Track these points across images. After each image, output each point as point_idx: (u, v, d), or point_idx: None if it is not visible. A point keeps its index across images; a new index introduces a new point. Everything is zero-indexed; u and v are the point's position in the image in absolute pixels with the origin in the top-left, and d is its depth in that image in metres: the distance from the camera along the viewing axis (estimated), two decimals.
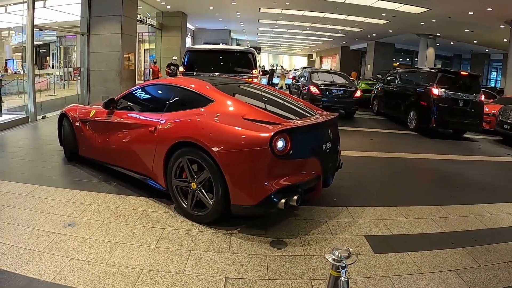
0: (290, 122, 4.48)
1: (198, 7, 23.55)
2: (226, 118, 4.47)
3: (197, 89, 5.10)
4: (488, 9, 17.56)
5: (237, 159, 4.12)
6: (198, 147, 4.33)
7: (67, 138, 6.76)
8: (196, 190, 4.47)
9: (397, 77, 15.53)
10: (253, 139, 4.07)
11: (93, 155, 6.31)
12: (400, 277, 3.63)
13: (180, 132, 4.59)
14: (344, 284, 2.05)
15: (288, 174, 4.23)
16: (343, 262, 2.11)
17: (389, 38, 33.67)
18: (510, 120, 11.90)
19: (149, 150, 4.98)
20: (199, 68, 10.27)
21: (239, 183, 4.15)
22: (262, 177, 4.08)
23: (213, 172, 4.23)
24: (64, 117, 6.85)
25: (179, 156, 4.56)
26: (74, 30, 15.76)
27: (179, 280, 3.33)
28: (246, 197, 4.15)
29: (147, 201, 5.10)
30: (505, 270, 3.90)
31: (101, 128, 6.04)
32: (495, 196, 6.38)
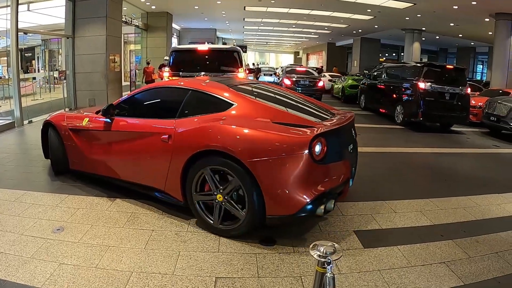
0: (322, 124, 4.26)
1: (183, 6, 23.47)
2: (254, 122, 4.16)
3: (215, 92, 4.70)
4: (473, 3, 17.70)
5: (273, 166, 3.84)
6: (226, 155, 3.98)
7: (55, 150, 6.07)
8: (224, 202, 4.12)
9: (383, 72, 15.66)
10: (291, 144, 3.86)
11: (88, 169, 5.71)
12: (390, 271, 3.67)
13: (203, 139, 4.16)
14: (330, 280, 2.04)
15: (324, 179, 4.07)
16: (328, 258, 2.10)
17: (375, 34, 33.82)
18: (496, 112, 12.02)
19: (161, 161, 4.54)
20: (185, 68, 10.16)
21: (276, 193, 3.86)
22: (301, 184, 3.87)
23: (245, 182, 3.90)
24: (50, 127, 6.15)
25: (201, 166, 4.19)
26: (59, 33, 15.63)
27: (169, 281, 3.33)
28: (283, 206, 3.88)
29: (136, 203, 5.07)
30: (495, 261, 3.96)
31: (98, 138, 5.53)
32: (484, 188, 6.46)
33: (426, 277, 3.59)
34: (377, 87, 15.78)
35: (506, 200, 5.89)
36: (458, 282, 3.53)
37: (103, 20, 13.79)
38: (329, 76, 27.57)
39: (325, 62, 47.68)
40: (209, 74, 9.40)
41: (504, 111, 11.69)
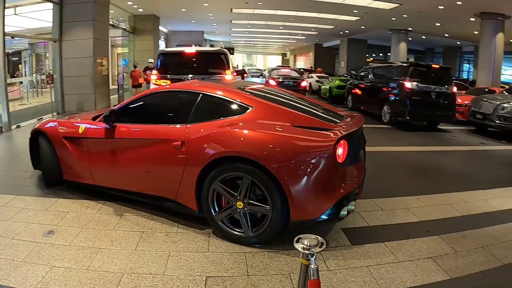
0: (339, 126, 4.22)
1: (171, 9, 23.50)
2: (275, 126, 4.06)
3: (229, 96, 4.54)
4: (458, 3, 17.94)
5: (298, 171, 3.78)
6: (247, 161, 3.87)
7: (47, 160, 5.72)
8: (246, 207, 4.01)
9: (370, 73, 15.82)
10: (316, 147, 3.83)
11: (86, 179, 5.37)
12: (378, 267, 3.74)
13: (222, 145, 4.02)
14: (314, 271, 2.12)
15: (346, 181, 4.05)
16: (312, 250, 2.18)
17: (362, 34, 34.13)
18: (482, 110, 12.20)
19: (173, 169, 4.36)
20: (173, 71, 10.20)
21: (301, 197, 3.81)
22: (325, 188, 3.89)
23: (268, 188, 3.82)
24: (40, 135, 5.81)
25: (220, 174, 4.05)
26: (46, 36, 15.57)
27: (160, 281, 3.38)
28: (308, 211, 3.85)
29: (125, 205, 5.08)
30: (481, 255, 4.06)
31: (98, 146, 5.22)
32: (470, 184, 6.59)
33: (413, 272, 3.67)
34: (364, 87, 15.92)
35: (492, 196, 6.02)
36: (445, 276, 3.61)
37: (90, 24, 13.81)
38: (317, 77, 27.71)
39: (312, 63, 47.95)
40: (197, 77, 9.43)
41: (490, 109, 11.86)
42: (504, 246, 4.31)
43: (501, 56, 20.44)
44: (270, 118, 4.21)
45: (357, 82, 16.75)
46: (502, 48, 20.32)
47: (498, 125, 11.62)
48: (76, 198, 5.35)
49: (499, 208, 5.50)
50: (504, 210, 5.46)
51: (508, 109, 11.38)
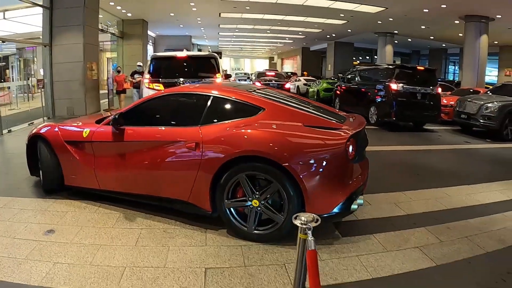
0: (347, 126, 4.37)
1: (159, 14, 23.60)
2: (288, 126, 4.25)
3: (241, 97, 4.67)
4: (442, 6, 18.28)
5: (313, 168, 3.97)
6: (264, 160, 4.01)
7: (47, 166, 5.53)
8: (260, 207, 4.12)
9: (357, 75, 16.09)
10: (329, 145, 4.04)
11: (90, 184, 5.27)
12: (367, 256, 3.96)
13: (239, 146, 4.12)
14: (311, 243, 2.34)
15: (355, 178, 4.25)
16: (309, 224, 2.43)
17: (348, 38, 34.48)
18: (467, 110, 12.52)
19: (187, 170, 4.43)
20: (165, 75, 10.46)
21: (316, 193, 3.98)
22: (337, 183, 4.08)
23: (285, 186, 3.95)
24: (39, 140, 5.63)
25: (236, 173, 4.14)
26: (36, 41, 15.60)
27: (162, 273, 3.53)
28: (322, 206, 3.99)
29: (122, 206, 5.16)
30: (465, 244, 4.31)
31: (105, 150, 5.16)
32: (455, 180, 6.85)
33: (401, 260, 3.89)
34: (351, 90, 16.17)
35: (475, 191, 6.28)
36: (430, 264, 3.85)
37: (80, 28, 13.86)
38: (304, 80, 27.98)
39: (299, 66, 48.26)
40: (188, 80, 9.66)
41: (474, 109, 12.17)
42: (487, 235, 4.55)
43: (485, 58, 20.84)
44: (282, 119, 4.37)
45: (344, 85, 17.01)
46: (486, 50, 20.72)
47: (482, 124, 11.95)
48: (73, 199, 5.42)
49: (483, 202, 5.77)
50: (486, 203, 5.72)
51: (492, 109, 11.70)
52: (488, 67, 27.07)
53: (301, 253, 2.45)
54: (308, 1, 19.74)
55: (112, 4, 20.07)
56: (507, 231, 4.72)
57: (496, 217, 5.20)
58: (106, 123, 5.21)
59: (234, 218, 4.28)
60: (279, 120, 4.34)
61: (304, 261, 2.40)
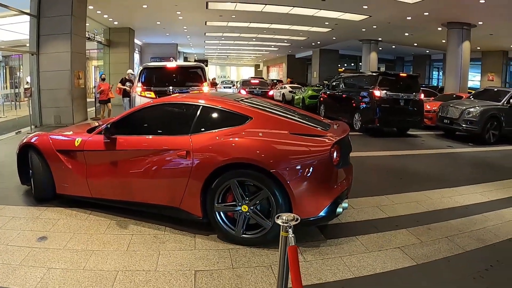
0: (331, 133, 4.58)
1: (145, 22, 23.68)
2: (275, 134, 4.44)
3: (229, 107, 4.85)
4: (425, 14, 18.58)
5: (300, 174, 4.17)
6: (253, 167, 4.18)
7: (39, 175, 5.55)
8: (248, 213, 4.27)
9: (341, 82, 16.31)
10: (314, 152, 4.23)
11: (82, 192, 5.34)
12: (350, 257, 4.16)
13: (228, 153, 4.29)
14: (291, 239, 2.54)
15: (339, 182, 4.44)
16: (290, 223, 2.62)
17: (333, 45, 34.80)
18: (449, 115, 12.83)
19: (178, 178, 4.56)
20: (155, 84, 10.96)
21: (303, 197, 4.17)
22: (323, 188, 4.27)
23: (273, 192, 4.12)
24: (31, 150, 5.65)
25: (225, 180, 4.29)
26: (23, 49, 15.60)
27: (153, 276, 3.67)
28: (309, 210, 4.19)
29: (112, 212, 5.25)
30: (445, 243, 4.53)
31: (97, 158, 5.23)
32: (437, 183, 7.08)
33: (382, 260, 4.09)
34: (335, 97, 16.39)
35: (456, 193, 6.52)
36: (411, 263, 4.05)
37: (67, 37, 13.91)
38: (290, 88, 28.21)
39: (285, 74, 48.56)
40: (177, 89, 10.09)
41: (456, 114, 12.49)
42: (467, 235, 4.79)
43: (467, 63, 21.19)
44: (269, 127, 4.56)
45: (329, 92, 17.21)
46: (468, 56, 21.09)
47: (464, 129, 12.26)
48: (64, 207, 5.49)
49: (463, 204, 6.01)
50: (467, 205, 5.97)
51: (474, 113, 12.01)
52: (471, 72, 27.51)
53: (283, 250, 2.64)
54: (293, 10, 19.97)
55: (99, 12, 20.11)
56: (486, 231, 4.95)
57: (476, 217, 5.43)
58: (98, 132, 5.31)
59: (223, 222, 4.41)
60: (266, 129, 4.52)
61: (286, 257, 2.58)
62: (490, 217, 5.48)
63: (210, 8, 19.88)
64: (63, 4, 13.79)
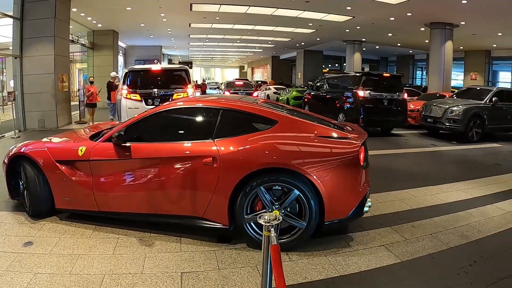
0: (354, 135, 4.62)
1: (129, 24, 23.62)
2: (303, 137, 4.41)
3: (253, 111, 4.72)
4: (408, 14, 18.80)
5: (332, 175, 4.19)
6: (285, 171, 4.17)
7: (34, 189, 5.05)
8: (281, 217, 4.00)
9: (325, 83, 16.41)
10: (345, 153, 4.27)
11: (87, 206, 4.94)
12: (335, 255, 4.23)
13: (261, 158, 4.18)
14: (274, 239, 2.61)
15: (364, 182, 4.50)
16: (272, 222, 2.71)
17: (317, 46, 35.02)
18: (433, 114, 13.03)
19: (204, 186, 4.33)
20: (141, 86, 11.08)
21: (335, 199, 4.21)
22: (352, 188, 4.35)
23: (306, 194, 4.12)
24: (23, 160, 5.16)
25: (256, 186, 4.16)
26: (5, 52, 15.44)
27: (140, 279, 3.69)
28: (339, 210, 4.28)
29: (98, 217, 5.10)
30: (429, 240, 4.63)
31: (106, 168, 4.83)
32: (420, 181, 7.19)
33: (367, 258, 4.18)
34: (320, 97, 16.49)
35: (440, 191, 6.64)
36: (396, 260, 4.14)
37: (51, 40, 13.89)
38: (274, 89, 28.34)
39: (270, 75, 48.71)
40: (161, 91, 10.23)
41: (439, 113, 12.69)
42: (451, 232, 4.90)
43: (450, 63, 21.46)
44: (295, 130, 4.54)
45: (313, 93, 17.31)
46: (451, 55, 21.36)
47: (448, 127, 12.47)
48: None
49: (447, 201, 6.13)
50: (451, 202, 6.09)
51: (457, 112, 12.21)
52: (454, 72, 27.87)
53: (266, 249, 2.71)
54: (277, 11, 20.07)
55: (83, 15, 20.02)
56: (470, 227, 5.06)
57: (460, 214, 5.54)
58: (105, 140, 4.93)
59: (254, 231, 4.30)
60: (292, 132, 4.51)
61: (269, 256, 2.63)
62: (473, 213, 5.59)
63: (194, 10, 19.90)
64: (47, 7, 13.76)
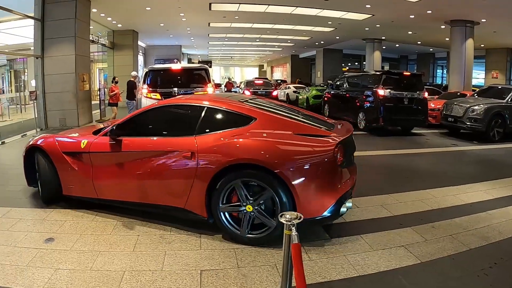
0: (335, 133, 4.62)
1: (149, 24, 23.76)
2: (279, 135, 4.48)
3: (233, 108, 4.87)
4: (428, 12, 18.55)
5: (304, 174, 4.20)
6: (257, 167, 4.21)
7: (46, 176, 5.63)
8: (254, 212, 4.30)
9: (345, 82, 16.31)
10: (319, 152, 4.26)
11: (88, 194, 5.40)
12: (354, 255, 4.18)
13: (233, 154, 4.34)
14: (295, 237, 2.57)
15: (343, 182, 4.47)
16: (293, 221, 2.67)
17: (337, 45, 34.78)
18: (453, 113, 12.83)
19: (183, 178, 4.60)
20: (161, 85, 11.18)
21: (308, 197, 4.21)
22: (327, 188, 4.30)
23: (278, 191, 4.16)
24: (37, 152, 5.75)
25: (229, 180, 4.32)
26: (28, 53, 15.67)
27: (159, 276, 3.71)
28: (313, 209, 4.22)
29: (119, 214, 5.31)
30: (449, 242, 4.55)
31: (103, 160, 5.28)
32: (440, 182, 7.07)
33: (386, 258, 4.11)
34: (340, 96, 16.40)
35: (460, 191, 6.52)
36: (415, 261, 4.07)
37: (71, 40, 14.04)
38: (294, 88, 28.21)
39: (289, 74, 48.58)
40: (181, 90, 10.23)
41: (460, 112, 12.49)
42: (471, 233, 4.80)
43: (471, 61, 21.08)
44: (273, 128, 4.59)
45: (333, 91, 17.22)
46: (472, 53, 20.97)
47: (469, 127, 12.24)
48: (71, 209, 5.56)
49: (467, 202, 6.01)
50: (472, 203, 5.97)
51: (478, 111, 12.00)
52: (475, 70, 27.45)
53: (287, 248, 2.68)
54: (296, 10, 19.99)
55: (103, 15, 20.22)
56: (490, 229, 4.95)
57: (481, 215, 5.43)
58: (103, 134, 5.36)
59: (228, 223, 4.46)
60: (270, 129, 4.55)
61: (290, 254, 2.61)
62: (495, 215, 5.48)
63: (213, 9, 19.92)
64: (67, 8, 13.93)
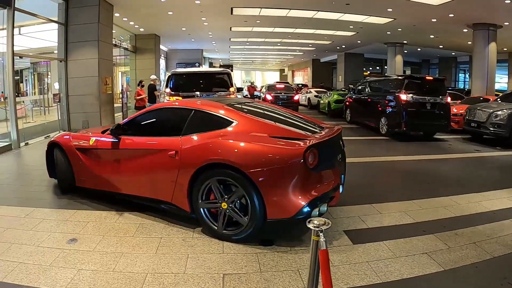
0: (313, 136, 4.80)
1: (171, 29, 23.92)
2: (254, 137, 4.67)
3: (215, 111, 5.17)
4: (450, 15, 18.32)
5: (273, 175, 4.32)
6: (230, 167, 4.43)
7: (62, 169, 6.40)
8: (228, 210, 4.54)
9: (367, 86, 16.20)
10: (287, 154, 4.35)
11: (95, 185, 6.04)
12: (377, 262, 4.12)
13: (208, 154, 4.64)
14: (323, 243, 2.56)
15: (318, 185, 4.54)
16: (321, 227, 2.65)
17: (358, 49, 34.49)
18: (476, 119, 12.58)
19: (169, 175, 4.97)
20: (183, 89, 11.26)
21: (276, 198, 4.32)
22: (297, 190, 4.34)
23: (248, 191, 4.35)
24: (56, 147, 6.50)
25: (207, 178, 4.63)
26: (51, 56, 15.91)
27: (182, 279, 3.71)
28: (282, 210, 4.31)
29: (141, 215, 5.41)
30: (473, 249, 4.44)
31: (105, 156, 5.92)
32: (464, 188, 6.94)
33: (409, 265, 4.04)
34: (361, 101, 16.30)
35: (484, 198, 6.38)
36: (438, 268, 3.99)
37: (94, 44, 14.21)
38: (315, 92, 28.08)
39: (310, 78, 48.38)
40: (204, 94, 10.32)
41: (483, 117, 12.24)
42: (495, 241, 4.68)
43: (494, 65, 20.71)
44: (251, 130, 4.85)
45: (355, 96, 17.12)
46: (495, 57, 20.61)
47: (492, 132, 11.99)
48: (94, 210, 5.66)
49: (491, 209, 5.88)
50: (495, 210, 5.83)
51: (501, 116, 11.76)
52: (498, 74, 26.93)
53: (314, 253, 2.66)
54: (317, 14, 19.91)
55: (125, 19, 20.43)
56: None
57: (505, 223, 5.30)
58: (108, 133, 5.89)
59: (207, 218, 4.77)
60: (247, 132, 4.80)
61: (317, 260, 2.60)
62: None
63: (234, 14, 19.97)
64: (90, 12, 14.14)
